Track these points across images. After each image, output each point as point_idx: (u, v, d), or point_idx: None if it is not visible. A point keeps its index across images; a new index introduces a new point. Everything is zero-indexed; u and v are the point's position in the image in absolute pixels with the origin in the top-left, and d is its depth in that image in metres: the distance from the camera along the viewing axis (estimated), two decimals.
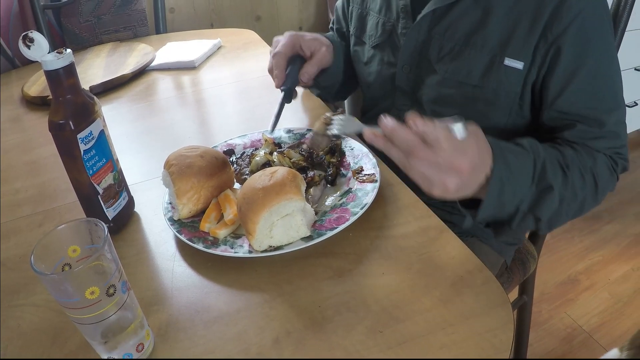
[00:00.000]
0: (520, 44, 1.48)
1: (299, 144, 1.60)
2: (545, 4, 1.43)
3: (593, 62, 1.45)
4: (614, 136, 1.50)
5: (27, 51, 1.14)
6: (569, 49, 1.44)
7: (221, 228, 1.31)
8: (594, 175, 1.42)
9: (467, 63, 1.56)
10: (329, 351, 1.02)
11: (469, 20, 1.55)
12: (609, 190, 1.51)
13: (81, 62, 2.45)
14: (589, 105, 1.47)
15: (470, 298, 1.11)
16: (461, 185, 1.13)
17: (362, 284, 1.17)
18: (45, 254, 0.95)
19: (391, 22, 1.76)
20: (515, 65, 1.49)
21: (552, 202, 1.33)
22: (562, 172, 1.34)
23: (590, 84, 1.46)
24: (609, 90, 1.49)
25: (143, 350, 1.04)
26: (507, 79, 1.52)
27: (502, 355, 0.99)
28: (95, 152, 1.28)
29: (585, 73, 1.44)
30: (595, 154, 1.45)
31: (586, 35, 1.43)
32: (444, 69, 1.62)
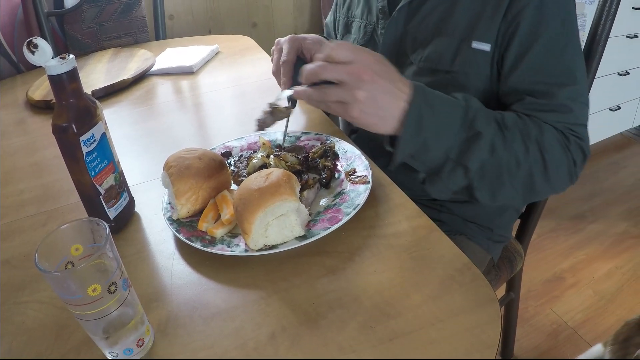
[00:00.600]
0: (486, 26, 1.50)
1: (295, 147, 1.60)
2: None
3: (548, 39, 1.45)
4: (566, 110, 1.46)
5: (31, 57, 1.14)
6: (525, 25, 1.45)
7: (218, 227, 1.31)
8: (539, 146, 1.38)
9: (438, 50, 1.60)
10: (323, 346, 1.02)
11: (439, 11, 1.60)
12: (562, 172, 1.44)
13: (84, 67, 2.45)
14: (539, 79, 1.46)
15: (459, 295, 1.11)
16: (371, 97, 1.20)
17: (355, 282, 1.17)
18: (49, 252, 0.95)
19: (372, 24, 1.81)
20: (482, 47, 1.52)
21: (481, 150, 1.32)
22: (497, 126, 1.34)
23: (542, 60, 1.46)
24: (561, 65, 1.46)
25: (143, 345, 1.04)
26: (476, 61, 1.54)
27: (489, 350, 0.99)
28: (97, 154, 1.28)
29: (538, 49, 1.45)
30: (542, 125, 1.42)
31: (543, 12, 1.44)
32: (418, 58, 1.65)
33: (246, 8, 3.59)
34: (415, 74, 1.67)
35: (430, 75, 1.63)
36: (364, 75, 1.19)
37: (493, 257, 1.95)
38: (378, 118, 1.25)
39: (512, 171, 1.36)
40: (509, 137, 1.34)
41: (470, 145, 1.31)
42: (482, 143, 1.31)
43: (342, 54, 1.21)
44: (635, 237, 3.65)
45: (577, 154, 1.45)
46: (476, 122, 1.31)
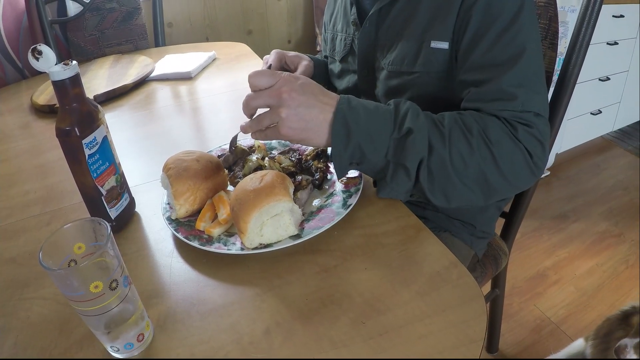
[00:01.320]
0: (442, 25, 1.50)
1: (289, 150, 1.61)
2: None
3: (498, 31, 1.40)
4: (510, 97, 1.36)
5: (35, 63, 1.14)
6: (476, 19, 1.43)
7: (215, 227, 1.31)
8: (484, 140, 1.31)
9: (402, 53, 1.60)
10: (315, 341, 1.03)
11: (404, 15, 1.61)
12: (519, 165, 1.34)
13: (86, 73, 2.45)
14: (485, 68, 1.42)
15: (446, 291, 1.11)
16: (294, 112, 1.23)
17: (346, 279, 1.17)
18: (53, 250, 0.95)
19: (350, 36, 1.83)
20: (440, 46, 1.51)
21: (415, 146, 1.27)
22: (431, 123, 1.31)
23: (490, 51, 1.41)
24: (508, 53, 1.40)
25: (143, 340, 1.04)
26: (436, 60, 1.53)
27: (475, 344, 1.00)
28: (98, 157, 1.28)
29: (486, 42, 1.41)
30: (485, 117, 1.35)
31: (494, 6, 1.41)
32: (386, 63, 1.66)
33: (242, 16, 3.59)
34: (386, 78, 1.68)
35: (397, 77, 1.64)
36: (284, 93, 1.23)
37: (477, 252, 1.96)
38: (307, 132, 1.27)
39: (459, 170, 1.31)
40: (447, 134, 1.30)
41: (404, 144, 1.28)
42: (415, 139, 1.27)
43: (262, 81, 1.26)
44: (616, 236, 3.66)
45: (530, 143, 1.35)
46: (406, 120, 1.29)
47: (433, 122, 1.32)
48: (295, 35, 4.01)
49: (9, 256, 1.32)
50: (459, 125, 1.32)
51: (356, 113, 1.26)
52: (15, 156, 1.81)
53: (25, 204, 1.53)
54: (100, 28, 2.85)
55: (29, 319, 1.13)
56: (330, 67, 2.02)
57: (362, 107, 1.29)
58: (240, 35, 3.67)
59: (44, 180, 1.64)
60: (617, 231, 3.72)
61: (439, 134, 1.30)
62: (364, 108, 1.29)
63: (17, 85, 2.50)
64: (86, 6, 2.79)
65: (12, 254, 1.33)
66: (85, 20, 2.80)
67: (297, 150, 1.61)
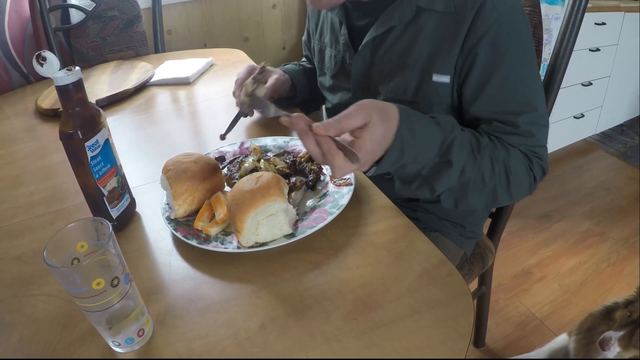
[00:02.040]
0: (444, 60, 1.50)
1: (284, 152, 1.61)
2: (462, 22, 1.44)
3: (505, 69, 1.44)
4: (529, 135, 1.48)
5: (40, 69, 1.14)
6: (482, 57, 1.45)
7: (213, 226, 1.31)
8: (506, 168, 1.42)
9: (402, 82, 1.59)
10: (309, 336, 1.03)
11: (402, 44, 1.59)
12: (524, 188, 1.50)
13: (88, 78, 2.45)
14: (498, 109, 1.47)
15: (435, 288, 1.12)
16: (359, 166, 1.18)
17: (339, 276, 1.17)
18: (57, 249, 0.95)
19: (340, 54, 1.80)
20: (442, 80, 1.52)
21: (449, 177, 1.35)
22: (470, 153, 1.35)
23: (501, 91, 1.46)
24: (518, 94, 1.47)
25: (144, 335, 1.04)
26: (437, 92, 1.54)
27: (463, 339, 1.00)
28: (101, 159, 1.28)
29: (496, 80, 1.44)
30: (509, 148, 1.46)
31: (500, 43, 1.43)
32: (384, 89, 1.65)
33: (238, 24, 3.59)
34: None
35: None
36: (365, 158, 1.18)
37: (465, 252, 1.96)
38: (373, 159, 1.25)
39: (477, 187, 1.40)
40: (479, 159, 1.37)
41: (441, 171, 1.34)
42: (452, 171, 1.34)
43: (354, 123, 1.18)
44: (597, 235, 3.67)
45: (537, 172, 1.52)
46: (451, 152, 1.32)
47: (471, 151, 1.37)
48: (289, 42, 4.01)
49: (15, 254, 1.32)
50: (489, 151, 1.39)
51: (412, 135, 1.25)
52: (20, 158, 1.80)
53: (30, 204, 1.53)
54: (102, 35, 2.85)
55: (33, 315, 1.13)
56: (320, 80, 1.99)
57: (418, 127, 1.28)
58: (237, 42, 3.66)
59: (48, 182, 1.63)
60: (599, 230, 3.72)
61: (473, 161, 1.36)
62: (420, 128, 1.28)
63: (22, 90, 2.49)
64: (89, 14, 2.79)
65: (18, 253, 1.33)
66: (88, 27, 2.80)
67: (291, 152, 1.61)
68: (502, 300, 3.09)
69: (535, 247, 3.57)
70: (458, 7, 1.45)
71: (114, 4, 2.86)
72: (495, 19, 1.41)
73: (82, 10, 2.81)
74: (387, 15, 1.57)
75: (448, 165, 1.33)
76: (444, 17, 1.48)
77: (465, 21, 1.44)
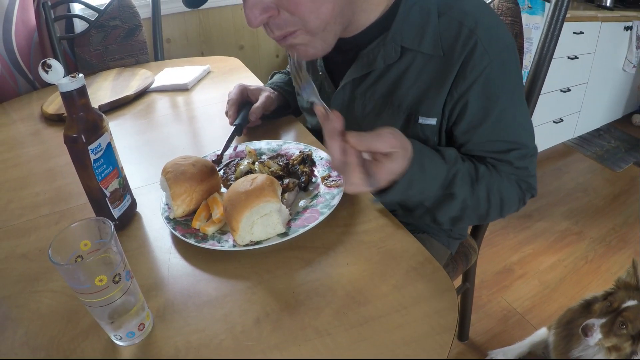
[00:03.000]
0: (431, 103, 1.41)
1: (277, 155, 1.61)
2: (451, 66, 1.35)
3: (497, 113, 1.39)
4: (520, 167, 1.48)
5: (45, 75, 1.14)
6: (474, 104, 1.38)
7: (210, 225, 1.31)
8: (501, 198, 1.44)
9: (387, 121, 1.50)
10: (301, 330, 1.03)
11: (385, 82, 1.48)
12: (514, 209, 1.52)
13: (91, 85, 2.44)
14: (488, 148, 1.44)
15: (421, 285, 1.12)
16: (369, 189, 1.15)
17: (330, 273, 1.18)
18: (61, 247, 0.95)
19: (319, 80, 1.67)
20: (428, 122, 1.44)
21: (451, 208, 1.37)
22: (469, 185, 1.36)
23: (492, 133, 1.41)
24: (509, 133, 1.43)
25: (144, 329, 1.04)
26: (423, 133, 1.47)
27: (448, 333, 1.01)
28: (103, 161, 1.28)
29: (487, 124, 1.39)
30: (503, 176, 1.45)
31: (490, 90, 1.36)
32: (369, 126, 1.46)
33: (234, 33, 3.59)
34: None
35: None
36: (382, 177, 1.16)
37: (452, 251, 1.97)
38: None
39: (473, 211, 1.41)
40: (477, 189, 1.38)
41: (444, 202, 1.36)
42: (454, 203, 1.36)
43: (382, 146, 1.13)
44: (576, 234, 3.68)
45: (527, 197, 1.54)
46: (454, 185, 1.33)
47: (471, 182, 1.38)
48: (282, 50, 3.99)
49: (21, 252, 1.32)
50: (485, 182, 1.39)
51: (422, 170, 1.24)
52: (26, 161, 1.80)
53: (35, 205, 1.52)
54: (104, 44, 2.85)
55: (39, 310, 1.13)
56: (299, 99, 1.90)
57: (427, 162, 1.27)
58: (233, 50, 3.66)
59: (53, 183, 1.63)
60: (577, 230, 3.73)
61: (472, 191, 1.37)
62: (429, 163, 1.27)
63: (28, 96, 2.49)
64: (92, 24, 2.79)
65: (24, 251, 1.33)
66: (91, 36, 2.80)
67: (284, 155, 1.62)
68: (485, 296, 3.10)
69: (517, 245, 3.58)
70: (447, 48, 1.36)
71: (116, 14, 2.86)
72: (486, 64, 1.33)
73: (86, 20, 2.81)
74: (368, 57, 1.47)
75: (450, 197, 1.35)
76: (431, 59, 1.39)
77: (453, 65, 1.35)
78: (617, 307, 2.10)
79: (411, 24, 1.38)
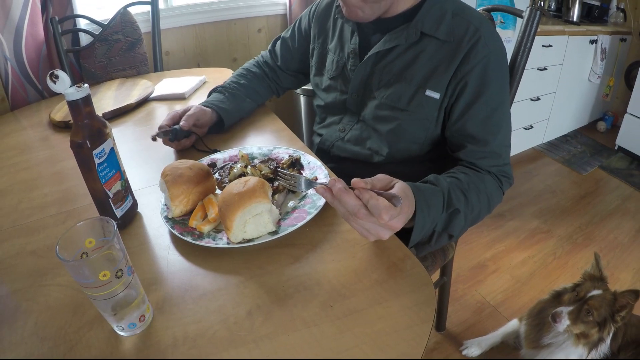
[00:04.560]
0: (438, 79, 1.57)
1: (268, 159, 1.62)
2: (458, 52, 1.54)
3: (488, 96, 1.54)
4: (496, 156, 1.58)
5: (53, 85, 1.15)
6: (472, 84, 1.54)
7: (205, 224, 1.32)
8: (487, 195, 1.49)
9: (398, 92, 1.64)
10: (290, 321, 1.04)
11: (402, 60, 1.64)
12: (498, 202, 1.57)
13: (96, 94, 2.44)
14: (479, 127, 1.55)
15: (402, 279, 1.14)
16: (392, 234, 1.15)
17: (316, 269, 1.18)
18: (68, 245, 0.95)
19: (343, 61, 1.82)
20: (433, 95, 1.59)
21: (460, 221, 1.39)
22: (463, 196, 1.39)
23: (483, 112, 1.54)
24: (496, 118, 1.56)
25: (144, 320, 1.05)
26: (427, 105, 1.60)
27: (426, 324, 1.02)
28: (107, 165, 1.28)
29: (480, 103, 1.53)
30: (483, 175, 1.53)
31: (486, 76, 1.53)
32: (381, 95, 1.69)
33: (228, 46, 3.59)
34: (377, 107, 1.71)
35: (390, 109, 1.68)
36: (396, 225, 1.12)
37: None
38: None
39: (470, 216, 1.44)
40: (470, 198, 1.42)
41: (452, 219, 1.38)
42: (460, 216, 1.38)
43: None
44: (545, 232, 3.70)
45: (506, 187, 1.62)
46: (452, 200, 1.36)
47: (463, 194, 1.41)
48: None
49: (31, 249, 1.32)
50: (473, 187, 1.45)
51: (427, 209, 1.25)
52: (36, 164, 1.80)
53: (44, 205, 1.52)
54: (108, 56, 2.84)
55: (47, 302, 1.13)
56: (315, 80, 1.99)
57: (430, 200, 1.28)
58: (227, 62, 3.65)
59: (60, 185, 1.63)
60: (546, 228, 3.75)
61: (466, 201, 1.41)
62: (431, 200, 1.29)
63: (37, 105, 2.48)
64: (96, 37, 2.78)
65: (33, 248, 1.33)
66: (95, 49, 2.79)
67: (274, 159, 1.62)
68: (461, 289, 3.10)
69: (490, 242, 3.59)
70: (456, 38, 1.55)
71: (119, 29, 2.86)
72: (486, 54, 1.52)
73: (91, 34, 2.81)
74: (395, 35, 1.64)
75: (456, 213, 1.37)
76: (443, 45, 1.58)
77: (460, 51, 1.54)
78: (583, 296, 2.12)
79: (431, 16, 1.59)
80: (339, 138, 1.88)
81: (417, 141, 1.68)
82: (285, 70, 2.18)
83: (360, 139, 1.81)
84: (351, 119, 1.85)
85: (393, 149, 1.72)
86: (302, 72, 2.18)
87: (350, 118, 1.86)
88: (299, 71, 2.18)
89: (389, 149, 1.72)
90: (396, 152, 1.72)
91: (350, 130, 1.85)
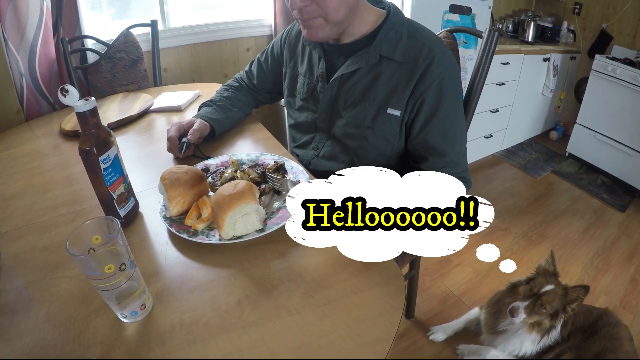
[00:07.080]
0: (398, 98, 1.60)
1: (255, 165, 1.62)
2: (415, 71, 1.57)
3: (444, 111, 1.58)
4: (455, 165, 1.63)
5: (63, 99, 1.15)
6: (429, 101, 1.57)
7: (200, 223, 1.32)
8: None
9: (363, 111, 1.67)
10: (275, 309, 1.06)
11: (364, 82, 1.67)
12: None
13: (101, 106, 2.42)
14: (438, 140, 1.59)
15: (375, 272, 1.15)
16: None
17: (299, 262, 1.20)
18: (76, 241, 0.96)
19: (313, 83, 1.82)
20: (394, 113, 1.61)
21: None
22: None
23: (441, 126, 1.58)
24: (453, 130, 1.60)
25: (145, 309, 1.05)
26: (389, 122, 1.63)
27: (397, 312, 1.04)
28: (111, 170, 1.28)
29: (438, 118, 1.57)
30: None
31: (441, 92, 1.56)
32: (347, 115, 1.71)
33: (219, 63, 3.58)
34: (345, 125, 1.72)
35: (356, 127, 1.70)
36: None
37: None
38: None
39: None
40: None
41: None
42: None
43: None
44: (503, 230, 3.71)
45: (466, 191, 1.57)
46: None
47: None
48: None
49: (43, 245, 1.32)
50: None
51: None
52: (48, 170, 1.79)
53: (55, 206, 1.52)
54: (112, 72, 2.83)
55: (58, 293, 1.13)
56: (288, 100, 1.98)
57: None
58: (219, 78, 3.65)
59: (70, 188, 1.63)
60: (504, 226, 3.77)
61: None
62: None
63: (49, 116, 2.47)
64: (102, 56, 2.78)
65: (46, 244, 1.33)
66: (101, 66, 2.78)
67: (261, 165, 1.63)
68: (428, 281, 3.10)
69: None
70: (412, 59, 1.58)
71: (122, 48, 2.85)
72: (440, 72, 1.55)
73: (97, 52, 2.80)
74: (356, 58, 1.65)
75: None
76: (400, 66, 1.60)
77: (417, 71, 1.56)
78: (537, 292, 2.15)
79: (388, 40, 1.61)
80: (314, 156, 1.88)
81: (384, 154, 1.70)
82: (261, 89, 2.16)
83: (332, 154, 1.82)
84: (322, 136, 1.86)
85: (363, 161, 1.74)
86: (276, 91, 2.15)
87: (321, 136, 1.86)
88: (273, 90, 2.15)
89: (359, 162, 1.75)
90: (367, 164, 1.69)
91: (322, 147, 1.85)
